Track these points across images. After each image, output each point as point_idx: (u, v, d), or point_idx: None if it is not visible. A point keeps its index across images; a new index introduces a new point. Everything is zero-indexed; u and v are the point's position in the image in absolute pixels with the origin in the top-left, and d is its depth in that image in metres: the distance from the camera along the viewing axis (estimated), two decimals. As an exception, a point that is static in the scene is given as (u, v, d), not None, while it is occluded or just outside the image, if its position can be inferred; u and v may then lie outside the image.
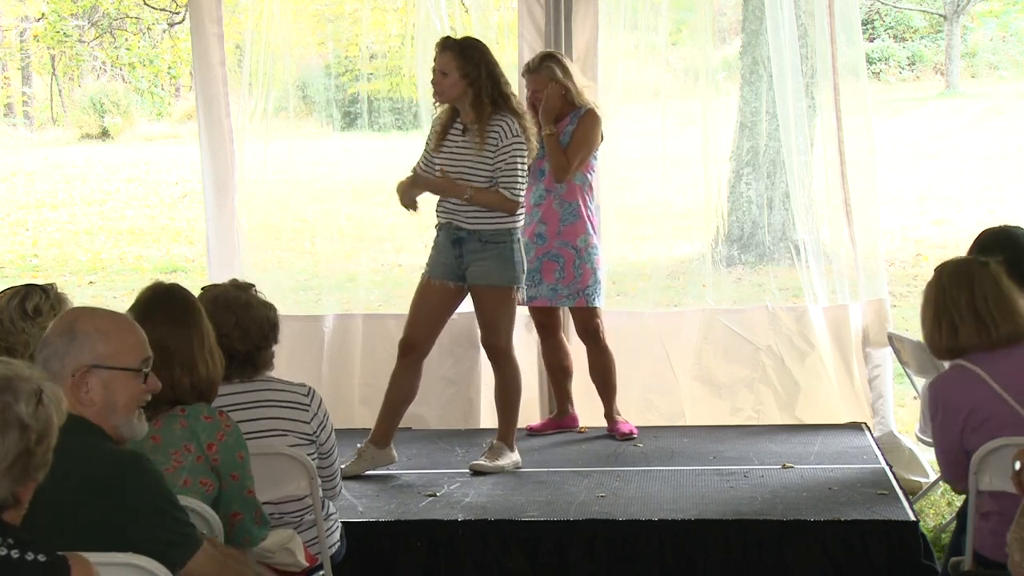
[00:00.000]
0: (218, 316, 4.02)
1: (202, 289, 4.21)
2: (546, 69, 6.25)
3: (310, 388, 4.22)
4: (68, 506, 2.93)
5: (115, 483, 2.99)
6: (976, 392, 3.98)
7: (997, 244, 5.67)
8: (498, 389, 6.06)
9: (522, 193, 5.83)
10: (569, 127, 6.27)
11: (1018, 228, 5.74)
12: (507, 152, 5.73)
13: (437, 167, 5.86)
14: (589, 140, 6.27)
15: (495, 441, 6.00)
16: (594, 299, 6.37)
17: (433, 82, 5.80)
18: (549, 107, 6.22)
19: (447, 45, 5.78)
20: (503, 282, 5.83)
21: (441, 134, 5.86)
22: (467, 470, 5.88)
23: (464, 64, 5.70)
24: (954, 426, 4.01)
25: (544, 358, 6.63)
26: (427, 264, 5.97)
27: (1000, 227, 5.77)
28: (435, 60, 5.78)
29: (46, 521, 2.85)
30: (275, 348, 4.23)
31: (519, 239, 5.89)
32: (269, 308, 4.19)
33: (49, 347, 3.08)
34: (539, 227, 6.33)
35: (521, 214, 5.89)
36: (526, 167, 5.82)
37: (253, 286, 4.23)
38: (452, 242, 5.85)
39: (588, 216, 6.35)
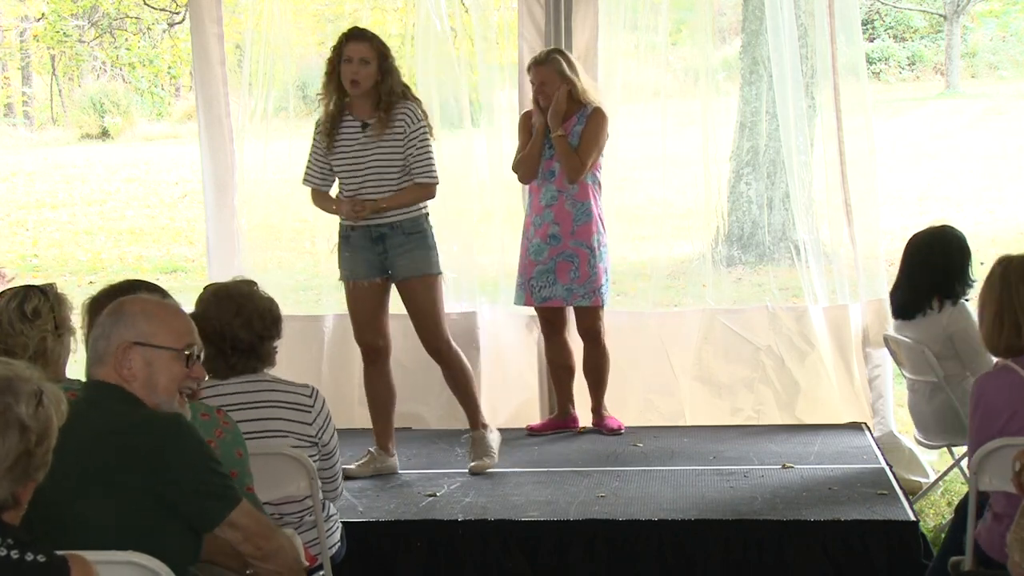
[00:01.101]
0: (220, 306, 4.05)
1: (204, 287, 4.24)
2: (553, 62, 6.25)
3: (313, 389, 4.21)
4: (112, 474, 2.99)
5: (157, 453, 3.04)
6: (1020, 396, 3.90)
7: (935, 245, 5.69)
8: (451, 381, 5.97)
9: (437, 172, 5.76)
10: (577, 127, 6.28)
11: (946, 227, 5.76)
12: (416, 138, 5.68)
13: (342, 169, 5.74)
14: (600, 138, 6.28)
15: (472, 434, 5.99)
16: (607, 297, 6.41)
17: (353, 71, 5.64)
18: (558, 109, 6.23)
19: (365, 35, 5.70)
20: (431, 269, 5.78)
21: (332, 136, 5.72)
22: (467, 470, 5.88)
23: (382, 53, 5.67)
24: (993, 427, 3.94)
25: (547, 357, 6.63)
26: (343, 268, 5.84)
27: (927, 230, 5.79)
28: (346, 50, 5.65)
29: (91, 490, 2.95)
30: (277, 345, 4.23)
31: (431, 223, 5.84)
32: (271, 301, 4.20)
33: (98, 328, 3.20)
34: (552, 228, 6.33)
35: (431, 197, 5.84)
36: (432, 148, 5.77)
37: (256, 283, 4.25)
38: (373, 240, 5.75)
39: (599, 215, 6.37)
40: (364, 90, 5.67)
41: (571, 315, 6.60)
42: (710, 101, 6.98)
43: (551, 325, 6.52)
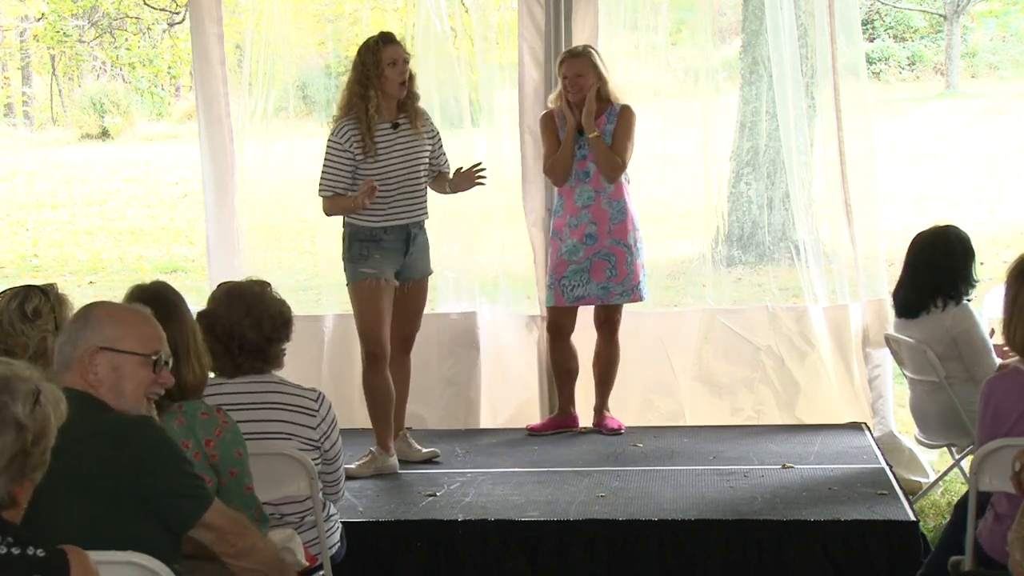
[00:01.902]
0: (231, 305, 4.06)
1: (218, 285, 4.24)
2: (588, 55, 6.30)
3: (320, 394, 4.20)
4: (95, 482, 2.99)
5: (138, 459, 3.04)
6: None
7: (939, 245, 5.67)
8: (403, 382, 6.06)
9: None
10: (608, 125, 6.32)
11: (950, 227, 5.76)
12: (438, 134, 5.99)
13: (381, 169, 5.78)
14: (633, 135, 6.35)
15: (408, 429, 6.10)
16: (646, 292, 6.46)
17: (402, 73, 5.77)
18: (590, 110, 6.26)
19: (396, 38, 5.85)
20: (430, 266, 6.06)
21: (370, 140, 5.75)
22: (467, 470, 5.88)
23: (408, 55, 5.88)
24: (1001, 429, 3.93)
25: (552, 358, 6.61)
26: (371, 268, 5.82)
27: (930, 230, 5.78)
28: (387, 54, 5.74)
29: (74, 500, 2.95)
30: (286, 348, 4.23)
31: None
32: (283, 304, 4.21)
33: (65, 334, 3.18)
34: (590, 227, 6.34)
35: None
36: None
37: (270, 284, 4.25)
38: (406, 241, 5.86)
39: (632, 212, 6.39)
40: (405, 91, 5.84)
41: (581, 317, 6.58)
42: (710, 101, 6.99)
43: (560, 328, 6.51)
